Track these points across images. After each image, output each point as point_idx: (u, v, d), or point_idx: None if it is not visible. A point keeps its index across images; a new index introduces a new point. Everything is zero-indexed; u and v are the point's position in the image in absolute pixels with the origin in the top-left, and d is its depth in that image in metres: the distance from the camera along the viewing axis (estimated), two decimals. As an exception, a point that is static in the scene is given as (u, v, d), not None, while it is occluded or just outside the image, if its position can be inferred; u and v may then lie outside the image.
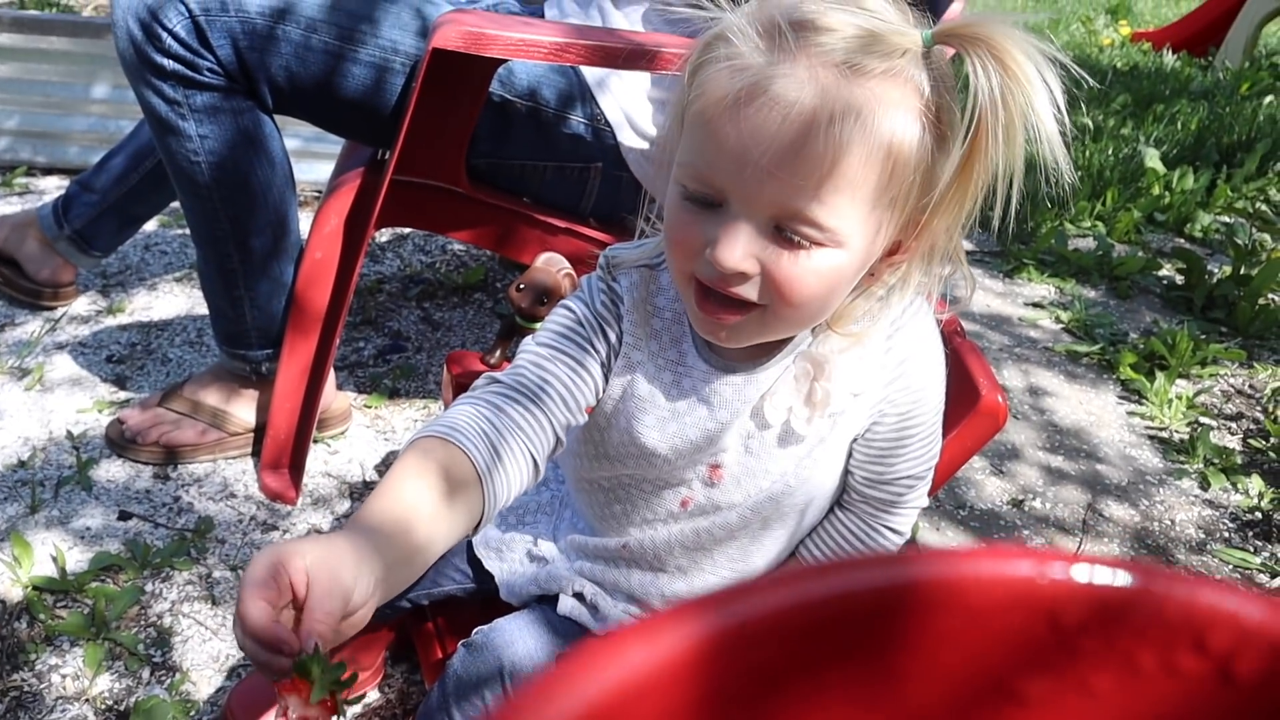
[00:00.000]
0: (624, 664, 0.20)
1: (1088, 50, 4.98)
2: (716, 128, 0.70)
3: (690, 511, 0.89)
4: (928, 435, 0.85)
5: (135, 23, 1.27)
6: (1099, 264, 2.55)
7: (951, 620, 0.23)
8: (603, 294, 0.85)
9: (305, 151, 2.41)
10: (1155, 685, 0.24)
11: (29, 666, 1.20)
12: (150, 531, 1.43)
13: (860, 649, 0.23)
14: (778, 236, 0.71)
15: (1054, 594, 0.23)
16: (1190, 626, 0.23)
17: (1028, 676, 0.24)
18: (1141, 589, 0.23)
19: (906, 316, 0.83)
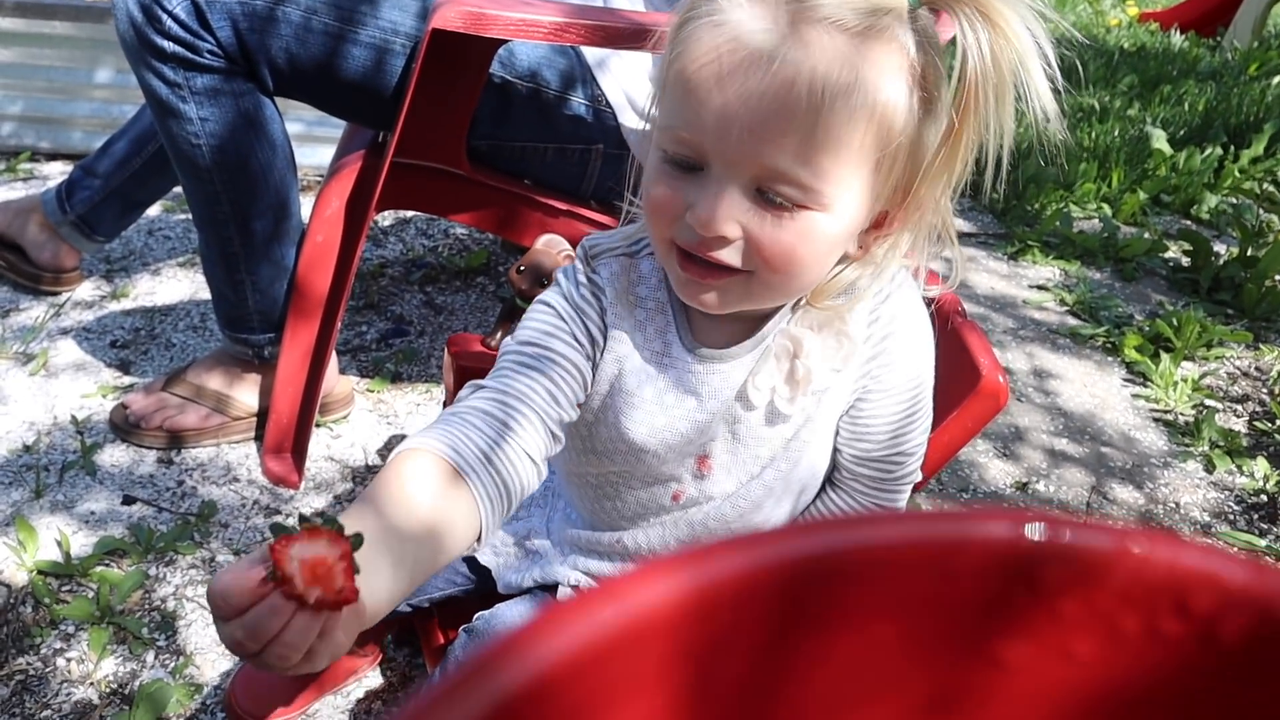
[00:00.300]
0: (591, 623, 0.20)
1: (1094, 31, 4.95)
2: (697, 86, 0.68)
3: (683, 504, 0.88)
4: (914, 411, 0.84)
5: (136, 5, 1.27)
6: (1104, 246, 2.54)
7: (928, 582, 0.23)
8: (583, 286, 0.82)
9: (307, 135, 2.41)
10: (1138, 650, 0.23)
11: (34, 650, 1.21)
12: (154, 516, 1.43)
13: (835, 612, 0.23)
14: (760, 199, 0.70)
15: (1033, 556, 0.22)
16: (1173, 589, 0.23)
17: (1009, 641, 0.23)
18: (1122, 550, 0.23)
19: (890, 290, 0.81)
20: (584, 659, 0.19)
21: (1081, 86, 3.82)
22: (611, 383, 0.83)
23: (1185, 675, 0.23)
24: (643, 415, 0.82)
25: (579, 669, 0.20)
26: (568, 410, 0.80)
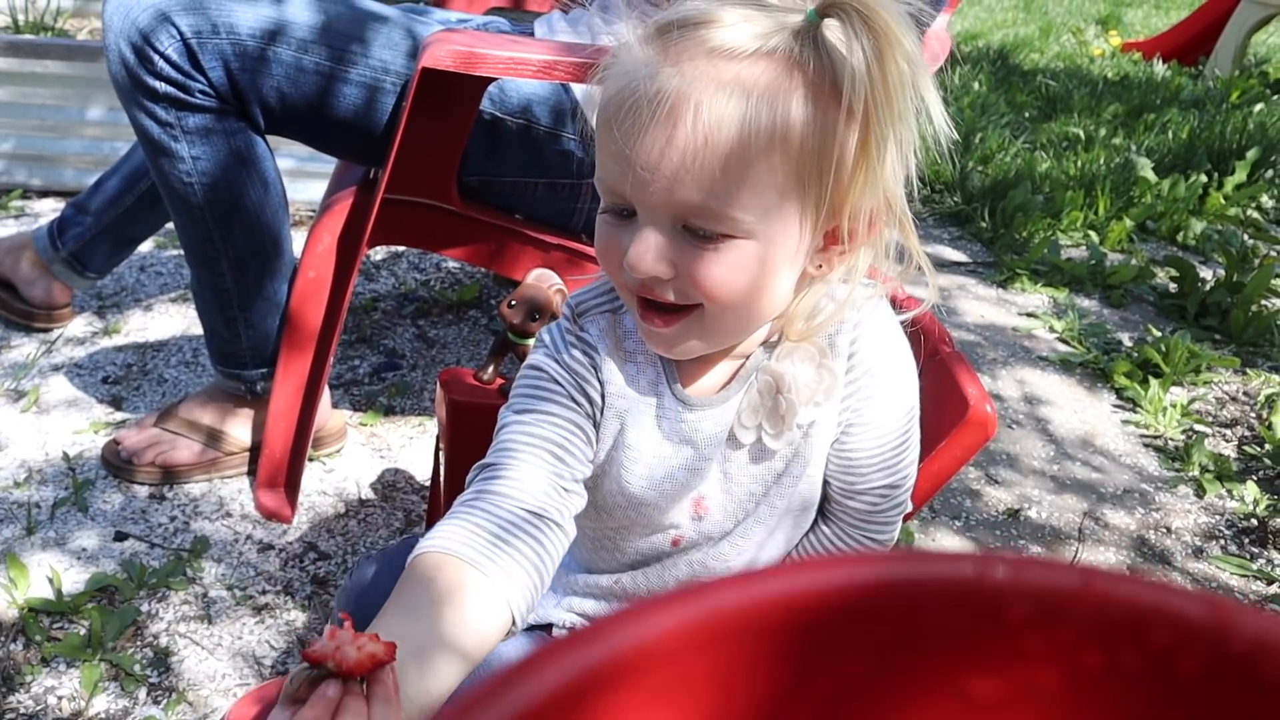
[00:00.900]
0: (583, 659, 0.21)
1: (1078, 61, 5.01)
2: (604, 136, 0.71)
3: (682, 548, 0.88)
4: (899, 443, 0.84)
5: (128, 46, 1.28)
6: (1092, 273, 2.56)
7: (897, 622, 0.23)
8: (574, 346, 0.83)
9: (299, 171, 2.42)
10: (1102, 684, 0.24)
11: (25, 688, 1.20)
12: (146, 552, 1.43)
13: (808, 652, 0.23)
14: (686, 235, 0.71)
15: (996, 594, 0.23)
16: (1132, 625, 0.24)
17: (977, 677, 0.24)
18: (1082, 588, 0.23)
19: (867, 322, 0.81)
20: (575, 693, 0.20)
21: (1068, 115, 3.87)
22: (614, 438, 0.83)
23: (1146, 708, 0.24)
24: (643, 469, 0.83)
25: (571, 702, 0.21)
26: (579, 467, 0.80)
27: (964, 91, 4.03)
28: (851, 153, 0.70)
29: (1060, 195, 2.91)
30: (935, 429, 0.88)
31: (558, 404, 0.81)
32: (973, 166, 3.20)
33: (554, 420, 0.80)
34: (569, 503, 0.78)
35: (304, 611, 1.36)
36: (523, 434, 0.79)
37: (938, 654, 0.24)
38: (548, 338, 0.85)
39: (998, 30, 5.65)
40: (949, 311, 2.37)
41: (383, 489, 1.61)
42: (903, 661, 0.24)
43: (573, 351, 0.82)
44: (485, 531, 0.72)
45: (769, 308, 0.76)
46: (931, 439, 0.88)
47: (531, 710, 0.21)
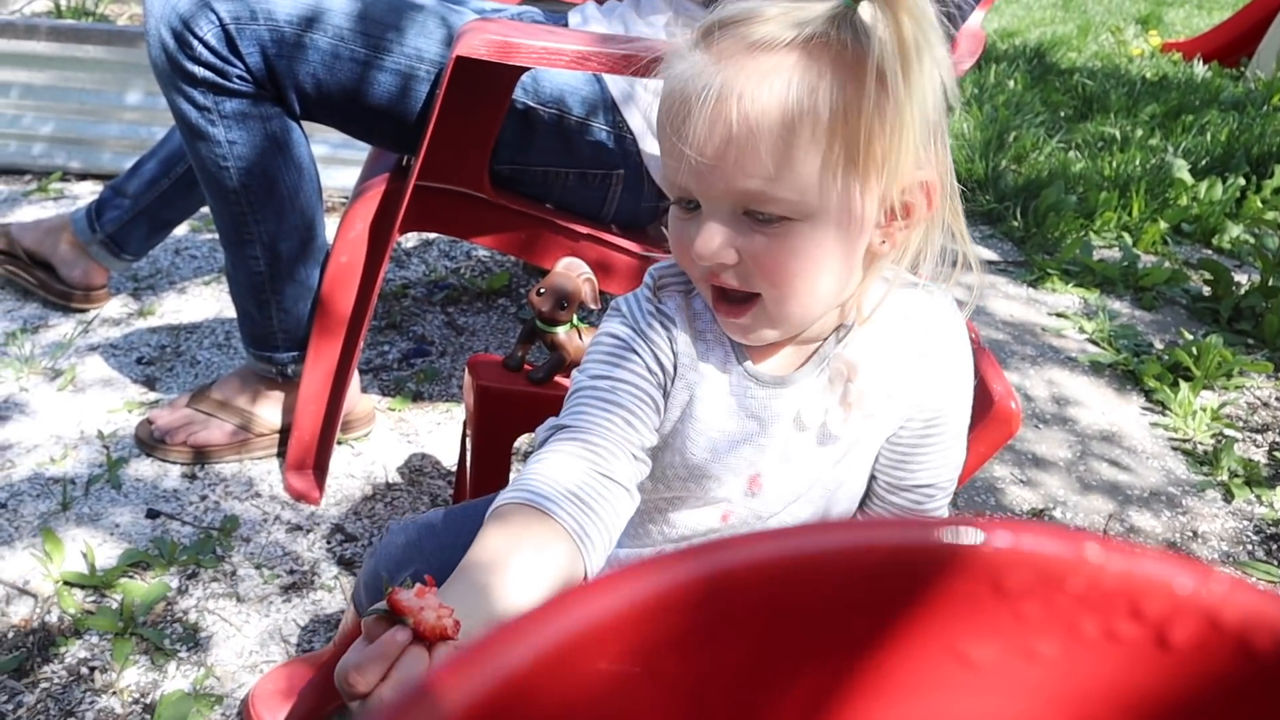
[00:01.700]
0: (563, 624, 0.21)
1: (1116, 60, 4.95)
2: (665, 136, 0.75)
3: (731, 524, 0.89)
4: (952, 443, 0.86)
5: (168, 31, 1.30)
6: (1124, 275, 2.54)
7: (900, 585, 0.24)
8: (651, 315, 0.85)
9: (332, 158, 2.44)
10: (1097, 651, 0.25)
11: (59, 659, 1.23)
12: (177, 529, 1.46)
13: (818, 608, 0.24)
14: (749, 221, 0.74)
15: (997, 561, 0.24)
16: (1127, 594, 0.25)
17: (976, 641, 0.25)
18: (1079, 557, 0.24)
19: (938, 320, 0.84)
20: (573, 649, 0.21)
21: (1104, 116, 3.83)
22: (683, 409, 0.85)
23: (1140, 674, 0.25)
24: (707, 441, 0.85)
25: (566, 659, 0.22)
26: (647, 435, 0.83)
27: (999, 89, 4.00)
28: (893, 128, 0.72)
29: (1094, 196, 2.89)
30: (960, 424, 0.88)
31: (633, 372, 0.83)
32: (1006, 165, 3.17)
33: (627, 388, 0.82)
34: (636, 469, 0.81)
35: (330, 592, 1.37)
36: (597, 398, 0.82)
37: (938, 617, 0.24)
38: (625, 307, 0.87)
39: (1035, 28, 5.59)
40: (979, 310, 2.36)
41: (409, 473, 1.63)
42: (904, 623, 0.24)
43: (650, 320, 0.85)
44: (565, 490, 0.75)
45: (836, 288, 0.78)
46: (958, 435, 0.88)
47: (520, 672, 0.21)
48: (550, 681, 0.21)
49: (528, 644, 0.21)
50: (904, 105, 0.72)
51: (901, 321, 0.83)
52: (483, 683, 0.20)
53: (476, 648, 0.21)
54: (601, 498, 0.76)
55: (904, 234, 0.79)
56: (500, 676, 0.20)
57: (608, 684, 0.22)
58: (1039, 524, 0.24)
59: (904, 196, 0.76)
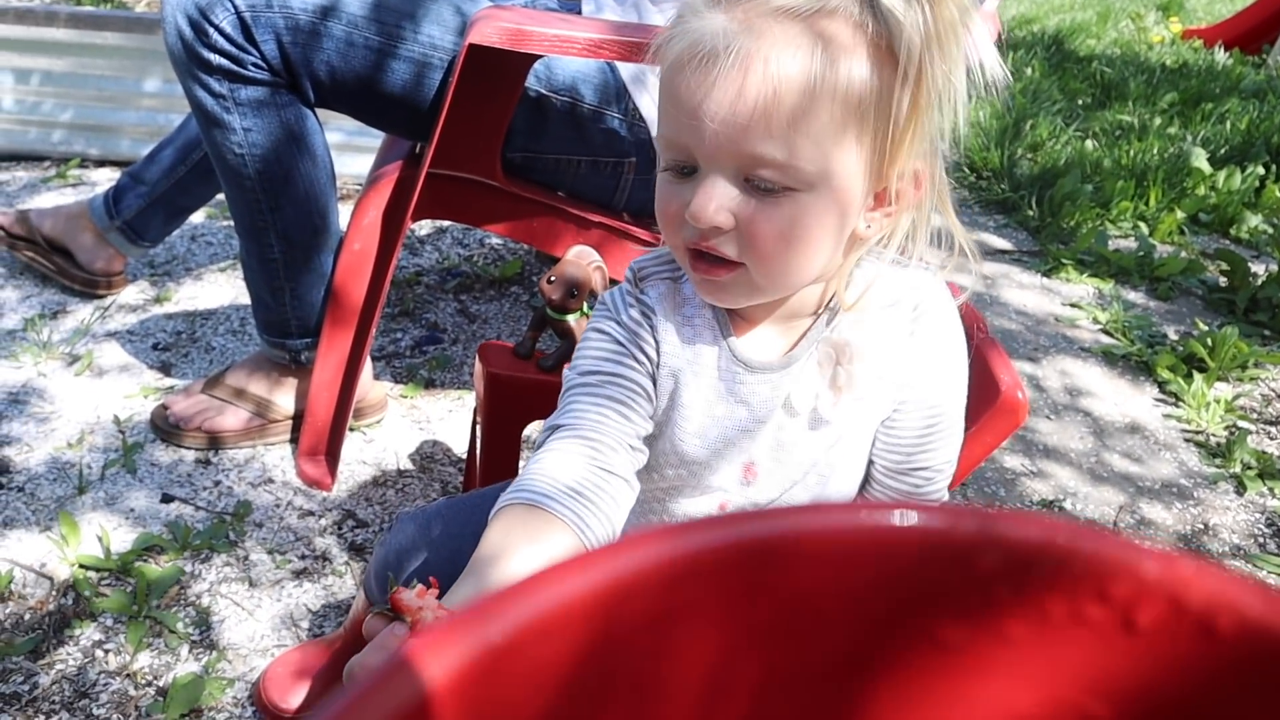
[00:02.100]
0: (522, 610, 0.22)
1: (1136, 48, 4.91)
2: (671, 92, 0.74)
3: (728, 514, 0.90)
4: (949, 426, 0.85)
5: (184, 19, 1.31)
6: (1140, 265, 2.52)
7: (874, 568, 0.25)
8: (633, 307, 0.86)
9: (346, 145, 2.45)
10: (1065, 632, 0.26)
11: (74, 641, 1.25)
12: (191, 514, 1.47)
13: (793, 589, 0.25)
14: (748, 187, 0.74)
15: (967, 544, 0.24)
16: (1094, 577, 0.25)
17: (948, 623, 0.25)
18: (1047, 541, 0.25)
19: (928, 302, 0.84)
20: (510, 646, 0.21)
21: (1122, 104, 3.80)
22: (669, 397, 0.85)
23: (1107, 655, 0.25)
24: (696, 427, 0.85)
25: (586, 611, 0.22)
26: (642, 425, 0.84)
27: (1016, 77, 3.97)
28: (905, 111, 0.73)
29: (1110, 185, 2.87)
30: (968, 414, 0.88)
31: (619, 363, 0.84)
32: (1022, 154, 3.16)
33: (616, 380, 0.83)
34: (634, 459, 0.82)
35: (340, 578, 1.39)
36: (588, 393, 0.82)
37: (912, 600, 0.25)
38: (609, 300, 0.88)
39: (1054, 15, 5.55)
40: (992, 299, 2.35)
41: (421, 460, 1.64)
42: (878, 606, 0.25)
43: (630, 312, 0.86)
44: (564, 486, 0.76)
45: (818, 264, 0.79)
46: (964, 424, 0.88)
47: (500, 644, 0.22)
48: (527, 654, 0.22)
49: (506, 618, 0.21)
50: (924, 99, 0.72)
51: (890, 304, 0.83)
52: (459, 654, 0.20)
53: (454, 621, 0.21)
54: (601, 490, 0.77)
55: (888, 220, 0.79)
56: (478, 649, 0.21)
57: (582, 659, 0.23)
58: (1007, 510, 0.25)
59: (898, 183, 0.76)
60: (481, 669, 0.20)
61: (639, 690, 0.24)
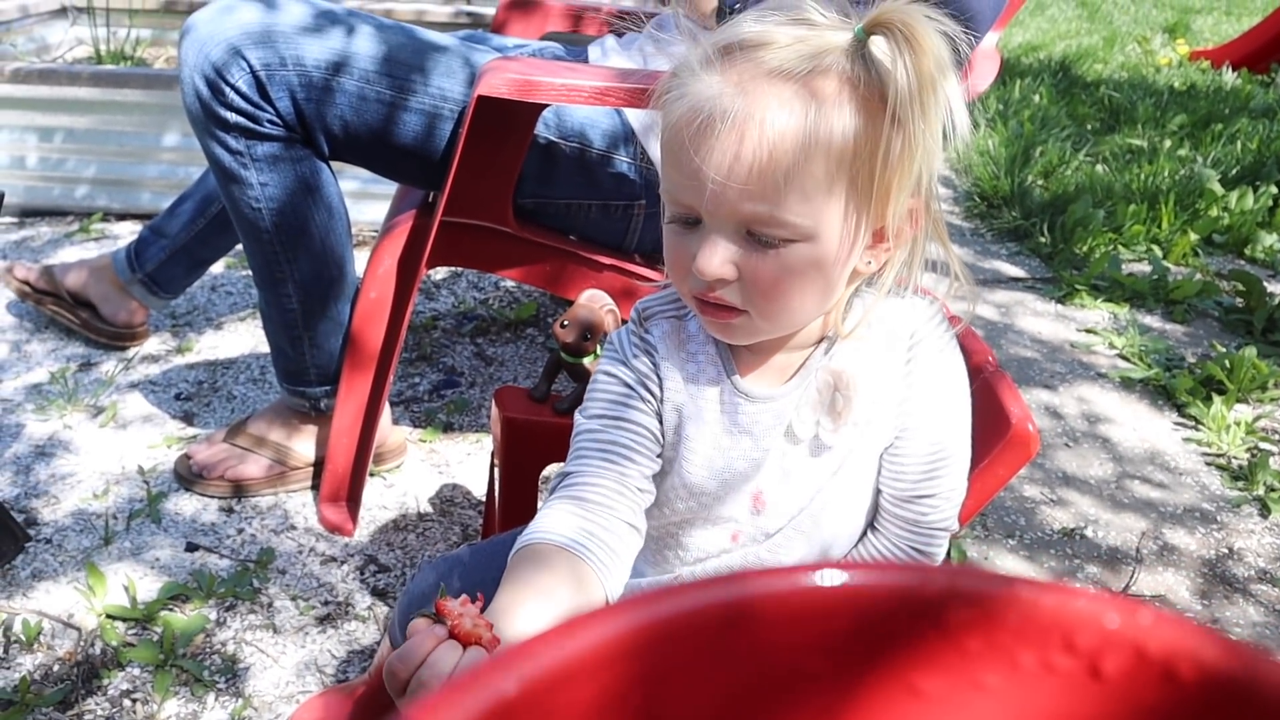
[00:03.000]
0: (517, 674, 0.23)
1: (1144, 71, 4.93)
2: (674, 152, 0.77)
3: (741, 543, 0.91)
4: (953, 453, 0.86)
5: (201, 79, 1.34)
6: (1154, 288, 2.52)
7: (851, 623, 0.26)
8: (636, 347, 0.89)
9: (362, 193, 2.49)
10: (1036, 680, 0.27)
11: (102, 691, 1.26)
12: (216, 562, 1.49)
13: (774, 645, 0.26)
14: (749, 241, 0.77)
15: (937, 599, 0.26)
16: (1060, 629, 0.27)
17: (924, 674, 0.27)
18: (1013, 595, 0.27)
19: (925, 329, 0.85)
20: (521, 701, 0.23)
21: (1131, 128, 3.81)
22: (675, 432, 0.88)
23: (1076, 702, 0.27)
24: (702, 459, 0.87)
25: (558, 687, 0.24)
26: (648, 464, 0.87)
27: (1024, 104, 3.99)
28: (896, 156, 0.75)
29: (1122, 209, 2.88)
30: (978, 447, 0.89)
31: (626, 404, 0.87)
32: (1032, 180, 3.17)
33: (622, 424, 0.87)
34: (640, 501, 0.85)
35: (363, 622, 1.40)
36: (594, 442, 0.86)
37: (889, 652, 0.27)
38: (615, 341, 0.92)
39: (1060, 41, 5.58)
40: (1006, 327, 2.36)
41: (441, 503, 1.65)
42: (858, 660, 0.27)
43: (635, 351, 0.89)
44: (571, 530, 0.80)
45: (820, 306, 0.82)
46: (975, 457, 0.88)
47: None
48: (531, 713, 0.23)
49: (514, 675, 0.23)
50: (914, 142, 0.75)
51: (886, 332, 0.85)
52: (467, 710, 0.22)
53: (464, 677, 0.23)
54: (607, 530, 0.81)
55: (888, 254, 0.82)
56: (485, 706, 0.22)
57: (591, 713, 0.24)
58: (972, 568, 0.26)
59: (895, 221, 0.79)
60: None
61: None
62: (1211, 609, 1.53)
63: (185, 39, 1.36)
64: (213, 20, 1.34)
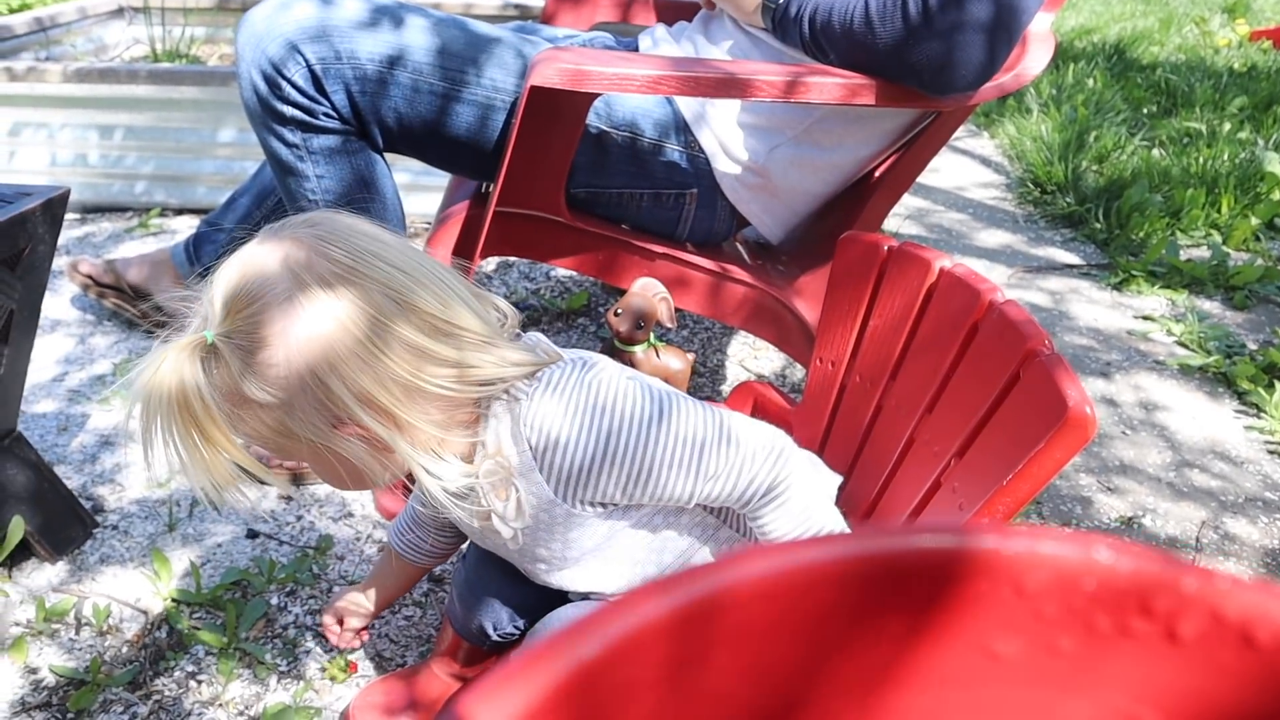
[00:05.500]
0: (605, 633, 0.24)
1: (1201, 52, 4.82)
2: None
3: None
4: (638, 471, 0.87)
5: (259, 75, 1.37)
6: (1214, 274, 2.47)
7: (931, 587, 0.27)
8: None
9: (414, 185, 2.52)
10: (1112, 644, 0.28)
11: (169, 673, 1.30)
12: (275, 548, 1.52)
13: (854, 610, 0.27)
14: None
15: (1016, 564, 0.26)
16: (1137, 593, 0.27)
17: (1001, 638, 0.27)
18: (1091, 559, 0.27)
19: (524, 410, 0.87)
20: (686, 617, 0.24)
21: (1189, 111, 3.73)
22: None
23: (1152, 665, 0.27)
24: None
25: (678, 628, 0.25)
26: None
27: (1078, 89, 3.93)
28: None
29: (1180, 193, 2.82)
30: (1034, 431, 0.88)
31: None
32: (1087, 166, 3.12)
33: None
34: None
35: (420, 608, 1.42)
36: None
37: (966, 616, 0.27)
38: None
39: (1115, 23, 5.48)
40: (1061, 315, 2.33)
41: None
42: (935, 622, 0.27)
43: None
44: (409, 542, 1.17)
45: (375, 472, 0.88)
46: (1030, 441, 0.88)
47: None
48: (591, 690, 0.24)
49: (571, 654, 0.24)
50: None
51: (519, 441, 0.88)
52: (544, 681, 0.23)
53: (543, 645, 0.23)
54: (433, 539, 1.15)
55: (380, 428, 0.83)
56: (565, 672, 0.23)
57: (646, 691, 0.25)
58: (1054, 529, 0.26)
59: (350, 429, 0.83)
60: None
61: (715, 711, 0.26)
62: (1275, 599, 1.50)
63: (242, 34, 1.39)
64: (270, 16, 1.36)
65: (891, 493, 1.10)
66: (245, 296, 0.79)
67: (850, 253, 1.24)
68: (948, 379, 1.06)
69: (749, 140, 1.49)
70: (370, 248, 0.82)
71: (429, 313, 0.81)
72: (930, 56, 1.27)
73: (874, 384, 1.17)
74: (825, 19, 1.34)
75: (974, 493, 0.95)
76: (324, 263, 0.80)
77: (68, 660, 1.31)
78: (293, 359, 0.78)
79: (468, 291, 0.86)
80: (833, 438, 1.25)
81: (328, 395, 0.79)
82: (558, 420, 0.86)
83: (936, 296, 1.10)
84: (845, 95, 1.33)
